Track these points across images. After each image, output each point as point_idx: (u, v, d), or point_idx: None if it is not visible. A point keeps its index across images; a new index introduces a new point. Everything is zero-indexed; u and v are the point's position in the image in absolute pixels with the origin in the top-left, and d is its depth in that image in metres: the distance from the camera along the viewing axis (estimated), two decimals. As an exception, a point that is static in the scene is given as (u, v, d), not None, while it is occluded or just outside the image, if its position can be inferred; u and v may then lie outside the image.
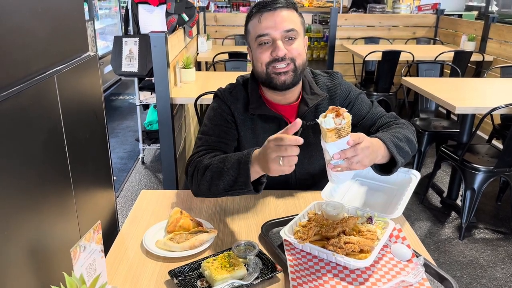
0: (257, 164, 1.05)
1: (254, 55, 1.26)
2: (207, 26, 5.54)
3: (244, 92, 1.36)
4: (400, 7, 5.97)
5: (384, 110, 1.42)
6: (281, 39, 1.19)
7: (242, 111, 1.35)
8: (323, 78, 1.39)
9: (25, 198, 1.05)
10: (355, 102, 1.39)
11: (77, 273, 0.78)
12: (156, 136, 3.72)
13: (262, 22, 1.19)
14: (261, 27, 1.19)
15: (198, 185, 1.21)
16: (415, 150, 1.30)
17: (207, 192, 1.20)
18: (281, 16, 1.19)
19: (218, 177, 1.14)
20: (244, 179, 1.08)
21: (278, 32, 1.19)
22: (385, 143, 1.16)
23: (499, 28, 4.41)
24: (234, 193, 1.15)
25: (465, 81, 3.25)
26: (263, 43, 1.21)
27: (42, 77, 1.14)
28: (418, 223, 2.82)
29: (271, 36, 1.19)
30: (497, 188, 3.18)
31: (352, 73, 5.05)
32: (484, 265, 2.40)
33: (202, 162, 1.21)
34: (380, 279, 0.95)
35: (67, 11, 1.35)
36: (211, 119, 1.36)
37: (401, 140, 1.22)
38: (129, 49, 3.20)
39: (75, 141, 1.33)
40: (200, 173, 1.19)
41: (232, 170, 1.11)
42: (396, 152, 1.17)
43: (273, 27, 1.19)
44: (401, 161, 1.19)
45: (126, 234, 1.16)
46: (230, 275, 0.93)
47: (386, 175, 1.23)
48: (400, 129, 1.28)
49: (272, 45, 1.20)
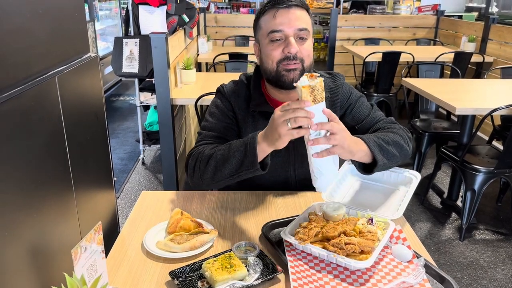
0: (263, 142, 1.08)
1: (264, 51, 1.24)
2: (207, 27, 5.54)
3: (246, 89, 1.36)
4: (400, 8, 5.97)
5: (383, 115, 1.42)
6: (294, 37, 1.19)
7: (243, 107, 1.35)
8: (325, 79, 1.39)
9: (26, 199, 1.05)
10: (355, 105, 1.40)
11: (78, 274, 0.78)
12: (156, 137, 3.72)
13: (276, 18, 1.19)
14: (275, 23, 1.19)
15: (201, 175, 1.21)
16: (406, 155, 1.30)
17: (210, 181, 1.21)
18: (295, 14, 1.19)
19: (223, 163, 1.16)
20: (252, 158, 1.10)
21: (291, 29, 1.18)
22: (366, 142, 1.16)
23: (499, 29, 4.41)
24: (240, 175, 1.16)
25: (465, 82, 3.25)
26: (276, 40, 1.20)
27: (43, 78, 1.15)
28: (418, 224, 2.82)
29: (284, 33, 1.19)
30: (497, 189, 3.18)
31: (352, 74, 5.05)
32: (485, 266, 2.40)
33: (204, 153, 1.22)
34: (381, 280, 0.95)
35: (67, 12, 1.36)
36: (212, 115, 1.36)
37: (387, 142, 1.22)
38: (129, 50, 3.21)
39: (76, 142, 1.33)
40: (203, 163, 1.20)
41: (238, 153, 1.13)
42: (377, 152, 1.17)
43: (287, 24, 1.18)
44: (382, 161, 1.19)
45: (126, 235, 1.16)
46: (231, 276, 0.93)
47: (368, 174, 1.23)
48: (391, 133, 1.29)
49: (285, 42, 1.19)
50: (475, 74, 4.51)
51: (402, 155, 1.27)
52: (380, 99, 4.31)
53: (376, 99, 4.30)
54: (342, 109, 1.40)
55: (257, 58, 1.31)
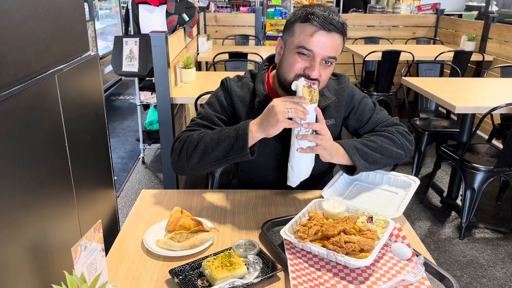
0: (257, 129, 1.15)
1: (287, 57, 1.23)
2: (207, 26, 5.54)
3: (251, 85, 1.37)
4: (400, 7, 5.96)
5: (386, 115, 1.43)
6: (321, 61, 1.19)
7: (247, 103, 1.36)
8: (331, 81, 1.42)
9: (26, 198, 1.05)
10: (358, 107, 1.41)
11: (78, 272, 0.78)
12: (156, 136, 3.72)
13: (313, 37, 1.17)
14: (311, 41, 1.17)
15: (187, 159, 1.23)
16: (399, 157, 1.33)
17: (196, 164, 1.23)
18: (332, 41, 1.18)
19: (212, 147, 1.19)
20: (242, 144, 1.16)
21: (321, 55, 1.18)
22: (345, 149, 1.25)
23: (499, 28, 4.41)
24: (228, 160, 1.19)
25: (465, 81, 3.25)
26: (302, 54, 1.19)
27: (43, 76, 1.15)
28: (418, 223, 2.83)
29: (314, 54, 1.18)
30: (497, 187, 3.18)
31: (352, 73, 5.05)
32: (484, 264, 2.41)
33: (192, 137, 1.24)
34: (380, 278, 0.96)
35: (67, 11, 1.36)
36: (209, 105, 1.38)
37: (372, 148, 1.28)
38: (129, 49, 3.20)
39: (76, 141, 1.33)
40: (191, 147, 1.23)
41: (229, 138, 1.18)
42: (357, 157, 1.25)
43: (321, 48, 1.17)
44: (363, 166, 1.26)
45: (126, 234, 1.16)
46: (231, 274, 0.93)
47: (350, 175, 1.31)
48: (382, 137, 1.32)
49: (311, 61, 1.19)
50: (475, 73, 4.51)
51: (391, 158, 1.32)
52: (380, 98, 4.31)
53: (376, 98, 4.30)
54: (346, 111, 1.42)
55: (277, 55, 1.29)
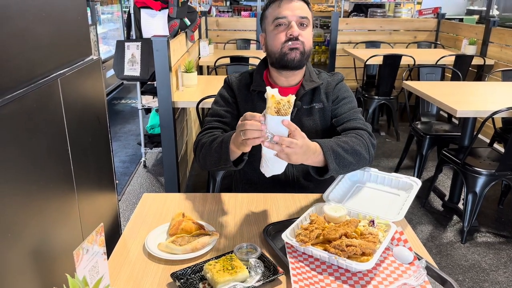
0: (232, 144, 1.20)
1: (270, 37, 1.40)
2: (209, 30, 5.56)
3: (250, 77, 1.53)
4: (401, 11, 5.98)
5: (360, 118, 1.45)
6: (296, 23, 1.35)
7: (244, 91, 1.50)
8: (325, 74, 1.54)
9: (29, 201, 1.05)
10: (341, 101, 1.49)
11: (80, 275, 0.78)
12: (158, 140, 3.73)
13: (281, 7, 1.37)
14: (280, 11, 1.37)
15: (199, 160, 1.39)
16: (364, 162, 1.34)
17: (203, 166, 1.39)
18: (297, 5, 1.38)
19: (209, 154, 1.32)
20: (226, 156, 1.23)
21: (294, 17, 1.36)
22: (322, 148, 1.23)
23: (500, 32, 4.42)
24: (223, 168, 1.30)
25: (466, 85, 3.25)
26: (280, 25, 1.36)
27: (45, 80, 1.15)
28: (420, 227, 2.82)
29: (288, 19, 1.36)
30: (499, 191, 3.17)
31: (353, 77, 5.06)
32: (487, 268, 2.40)
33: (201, 141, 1.39)
34: (382, 281, 0.96)
35: (70, 15, 1.37)
36: (216, 103, 1.54)
37: (346, 151, 1.28)
38: (131, 53, 3.22)
39: (78, 144, 1.34)
40: (199, 150, 1.38)
41: (218, 149, 1.27)
42: (331, 160, 1.23)
43: (290, 12, 1.36)
44: (335, 169, 1.24)
45: (128, 237, 1.16)
46: (232, 277, 0.93)
47: (319, 177, 1.29)
48: (355, 139, 1.34)
49: (288, 26, 1.36)
50: (476, 77, 4.51)
51: (359, 163, 1.33)
52: (381, 102, 4.31)
53: (377, 102, 4.31)
54: (330, 100, 1.49)
55: (263, 47, 1.46)
